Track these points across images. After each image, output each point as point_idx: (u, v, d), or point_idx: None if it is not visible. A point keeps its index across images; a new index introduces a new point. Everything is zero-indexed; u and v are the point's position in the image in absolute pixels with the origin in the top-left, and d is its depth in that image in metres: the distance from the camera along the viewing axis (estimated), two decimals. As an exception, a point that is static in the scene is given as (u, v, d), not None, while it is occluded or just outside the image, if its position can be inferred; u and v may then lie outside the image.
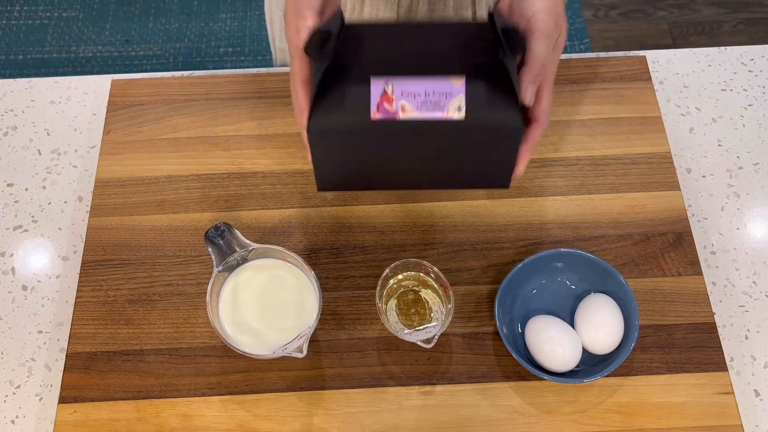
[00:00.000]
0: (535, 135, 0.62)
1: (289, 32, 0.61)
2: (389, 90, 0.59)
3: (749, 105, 0.88)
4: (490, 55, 0.60)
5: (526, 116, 0.61)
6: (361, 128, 0.59)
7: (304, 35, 0.59)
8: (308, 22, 0.59)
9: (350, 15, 0.88)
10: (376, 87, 0.59)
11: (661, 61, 0.91)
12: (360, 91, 0.59)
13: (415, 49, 0.61)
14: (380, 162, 0.64)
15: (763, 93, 0.89)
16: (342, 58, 0.60)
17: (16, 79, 0.91)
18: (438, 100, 0.58)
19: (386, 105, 0.59)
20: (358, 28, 0.63)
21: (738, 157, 0.85)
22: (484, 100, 0.59)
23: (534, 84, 0.59)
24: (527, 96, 0.59)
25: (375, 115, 0.59)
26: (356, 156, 0.63)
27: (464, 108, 0.58)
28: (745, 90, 0.89)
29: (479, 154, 0.63)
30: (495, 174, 0.65)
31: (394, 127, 0.59)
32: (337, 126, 0.59)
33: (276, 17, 1.00)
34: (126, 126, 0.85)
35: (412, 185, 0.67)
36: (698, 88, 0.89)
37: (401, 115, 0.59)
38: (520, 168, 0.64)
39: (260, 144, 0.84)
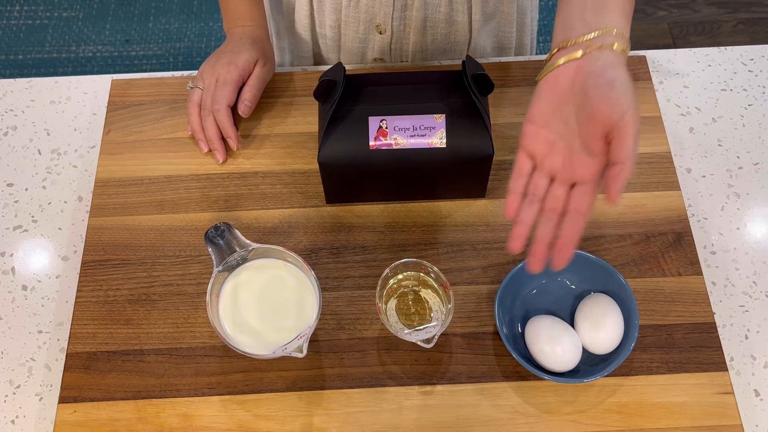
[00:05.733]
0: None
1: (223, 68, 0.82)
2: (384, 126, 0.72)
3: (749, 105, 0.88)
4: (464, 95, 0.72)
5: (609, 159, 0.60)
6: (361, 156, 0.72)
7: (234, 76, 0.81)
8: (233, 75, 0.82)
9: (346, 10, 0.88)
10: (373, 124, 0.72)
11: (661, 61, 0.91)
12: (360, 127, 0.72)
13: (404, 92, 0.73)
14: (378, 181, 0.76)
15: (763, 93, 0.89)
16: (345, 101, 0.72)
17: (16, 79, 0.91)
18: (424, 132, 0.72)
19: (381, 138, 0.72)
20: (357, 76, 0.74)
21: (738, 157, 0.85)
22: (461, 133, 0.72)
23: (624, 183, 0.57)
24: (616, 197, 0.57)
25: (372, 146, 0.72)
26: (358, 178, 0.75)
27: (445, 139, 0.71)
28: (745, 90, 0.89)
29: (458, 174, 0.75)
30: (471, 188, 0.78)
31: (389, 154, 0.72)
32: (343, 155, 0.72)
33: (273, 17, 1.00)
34: (126, 126, 0.85)
35: (403, 198, 0.80)
36: (698, 88, 0.89)
37: (394, 146, 0.72)
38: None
39: (260, 144, 0.84)
